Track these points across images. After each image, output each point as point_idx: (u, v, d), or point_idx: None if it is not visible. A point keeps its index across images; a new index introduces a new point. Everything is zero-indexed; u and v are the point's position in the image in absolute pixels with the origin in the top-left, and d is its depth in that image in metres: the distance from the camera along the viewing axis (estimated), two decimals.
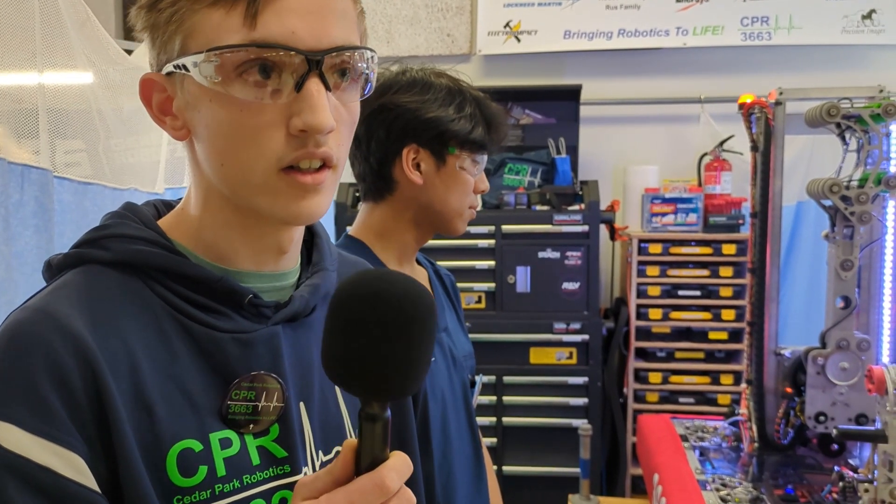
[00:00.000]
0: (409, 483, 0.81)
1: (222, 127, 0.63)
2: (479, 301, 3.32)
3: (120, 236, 0.68)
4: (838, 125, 1.65)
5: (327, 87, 0.63)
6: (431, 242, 3.33)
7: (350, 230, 1.36)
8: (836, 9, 3.66)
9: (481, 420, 3.31)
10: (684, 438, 1.93)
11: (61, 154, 1.55)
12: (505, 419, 3.34)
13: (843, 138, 1.69)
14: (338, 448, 0.76)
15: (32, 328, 0.61)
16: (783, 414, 1.79)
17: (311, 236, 0.81)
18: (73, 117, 1.49)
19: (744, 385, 1.91)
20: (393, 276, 0.56)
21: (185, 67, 0.63)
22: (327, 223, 3.18)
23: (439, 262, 3.43)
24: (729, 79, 3.69)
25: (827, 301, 1.71)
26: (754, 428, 1.84)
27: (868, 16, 3.64)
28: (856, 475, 1.50)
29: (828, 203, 1.66)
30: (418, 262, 1.48)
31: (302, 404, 0.73)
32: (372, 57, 0.67)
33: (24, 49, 1.29)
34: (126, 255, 0.67)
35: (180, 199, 0.76)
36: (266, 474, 0.68)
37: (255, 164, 0.63)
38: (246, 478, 0.67)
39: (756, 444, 1.83)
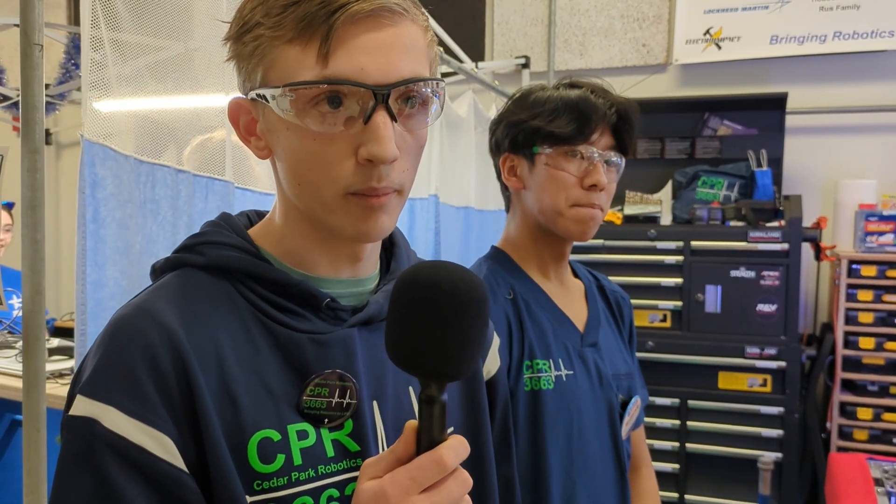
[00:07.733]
0: (482, 482, 0.83)
1: (297, 153, 0.69)
2: (664, 319, 3.19)
3: (213, 243, 0.75)
4: None
5: (393, 118, 0.67)
6: (615, 257, 3.28)
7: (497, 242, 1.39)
8: None
9: (661, 444, 3.18)
10: (879, 482, 1.73)
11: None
12: (689, 445, 3.17)
13: None
14: None
15: (133, 323, 0.67)
16: None
17: (391, 245, 0.85)
18: None
19: None
20: (449, 266, 0.61)
21: (265, 98, 0.69)
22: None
23: (620, 278, 3.33)
24: None
25: None
26: None
27: None
28: None
29: None
30: (576, 275, 1.44)
31: (375, 403, 0.76)
32: (438, 84, 0.70)
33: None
34: (217, 259, 0.74)
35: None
36: (340, 466, 0.72)
37: (325, 187, 0.69)
38: (321, 468, 0.71)
39: None
